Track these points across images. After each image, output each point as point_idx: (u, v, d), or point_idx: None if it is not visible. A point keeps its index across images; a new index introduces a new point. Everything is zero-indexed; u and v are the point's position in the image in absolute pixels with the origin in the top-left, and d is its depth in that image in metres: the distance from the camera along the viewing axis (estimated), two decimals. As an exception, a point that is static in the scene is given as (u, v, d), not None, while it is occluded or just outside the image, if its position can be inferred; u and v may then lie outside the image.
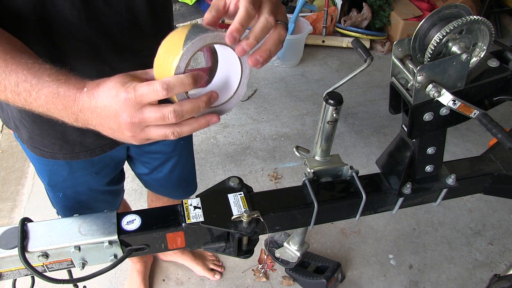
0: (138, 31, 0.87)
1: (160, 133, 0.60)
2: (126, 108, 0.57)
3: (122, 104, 0.56)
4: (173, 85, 0.56)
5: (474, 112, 0.73)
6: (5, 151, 2.44)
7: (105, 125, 0.60)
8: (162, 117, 0.57)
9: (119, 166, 1.20)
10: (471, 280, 1.95)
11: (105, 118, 0.59)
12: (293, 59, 3.21)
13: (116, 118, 0.58)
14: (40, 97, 0.60)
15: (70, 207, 1.16)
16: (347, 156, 2.51)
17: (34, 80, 0.60)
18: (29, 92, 0.60)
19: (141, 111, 0.57)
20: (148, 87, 0.55)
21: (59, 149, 0.98)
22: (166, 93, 0.56)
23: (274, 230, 0.91)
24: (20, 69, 0.61)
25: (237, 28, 0.58)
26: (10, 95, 0.62)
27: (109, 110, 0.58)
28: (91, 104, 0.59)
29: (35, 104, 0.61)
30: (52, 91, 0.60)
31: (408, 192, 0.92)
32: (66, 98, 0.60)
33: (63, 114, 0.61)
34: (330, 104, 0.87)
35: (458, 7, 0.72)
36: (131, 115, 0.57)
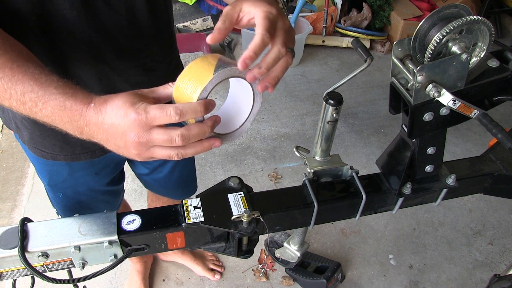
0: (137, 31, 0.87)
1: (165, 153, 0.61)
2: (134, 128, 0.58)
3: (131, 124, 0.58)
4: (186, 111, 0.58)
5: (474, 112, 0.73)
6: (5, 151, 2.44)
7: (111, 141, 0.61)
8: (169, 139, 0.59)
9: (119, 166, 1.20)
10: (471, 280, 1.95)
11: (111, 135, 0.60)
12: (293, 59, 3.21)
13: (123, 137, 0.59)
14: (46, 108, 0.61)
15: (70, 207, 1.16)
16: (347, 156, 2.51)
17: (40, 91, 0.60)
18: (35, 102, 0.61)
19: (149, 132, 0.58)
20: (161, 111, 0.57)
21: (59, 150, 0.98)
22: (179, 118, 0.57)
23: (274, 230, 0.91)
24: (27, 79, 0.61)
25: (250, 56, 0.60)
26: (15, 103, 0.62)
27: (117, 128, 0.59)
28: (98, 120, 0.60)
29: (40, 115, 0.62)
30: (58, 103, 0.60)
31: (408, 192, 0.92)
32: (73, 112, 0.60)
33: (68, 127, 0.62)
34: (330, 104, 0.87)
35: (458, 7, 0.72)
36: (139, 135, 0.58)
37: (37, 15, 0.73)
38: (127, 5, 0.82)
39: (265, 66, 0.62)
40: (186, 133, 0.59)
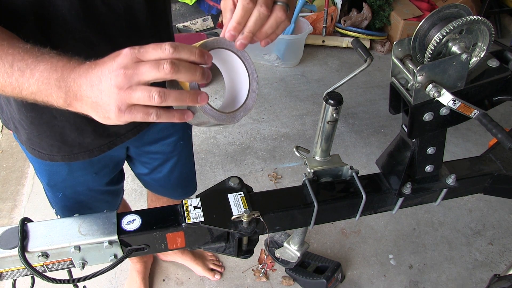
0: (136, 31, 0.87)
1: (145, 92, 0.56)
2: (123, 60, 0.55)
3: (121, 57, 0.56)
4: (182, 47, 0.55)
5: (474, 112, 0.73)
6: (5, 151, 2.44)
7: (94, 87, 0.57)
8: (156, 66, 0.55)
9: (119, 166, 1.20)
10: (471, 280, 1.95)
11: (98, 77, 0.57)
12: (293, 59, 3.21)
13: (110, 73, 0.56)
14: (34, 74, 0.59)
15: (69, 207, 1.16)
16: (347, 156, 2.51)
17: (30, 59, 0.60)
18: (23, 71, 0.60)
19: (137, 64, 0.55)
20: (156, 45, 0.55)
21: (57, 151, 0.98)
22: (173, 51, 0.55)
23: (274, 230, 0.91)
24: (17, 51, 0.60)
25: (234, 26, 0.60)
26: (1, 79, 0.61)
27: (106, 67, 0.56)
28: (89, 70, 0.58)
29: (26, 85, 0.60)
30: (49, 65, 0.59)
31: (408, 192, 0.92)
32: (64, 70, 0.59)
33: (53, 90, 0.59)
34: (330, 104, 0.87)
35: (458, 7, 0.72)
36: (126, 65, 0.55)
37: (36, 15, 0.73)
38: (126, 5, 0.82)
39: (247, 30, 0.61)
40: (176, 60, 0.56)
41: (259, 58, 3.20)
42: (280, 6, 0.63)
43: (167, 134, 1.18)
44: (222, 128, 2.64)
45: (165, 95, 0.56)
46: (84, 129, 0.95)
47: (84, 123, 0.94)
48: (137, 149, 1.18)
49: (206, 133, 2.59)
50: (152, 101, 0.56)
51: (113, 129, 1.00)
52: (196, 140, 2.52)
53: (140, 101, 0.56)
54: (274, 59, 3.17)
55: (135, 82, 0.56)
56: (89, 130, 0.96)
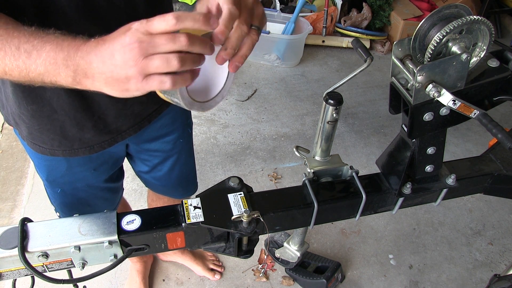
0: None
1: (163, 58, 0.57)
2: (134, 35, 0.56)
3: (132, 32, 0.56)
4: (185, 17, 0.56)
5: (474, 112, 0.73)
6: (5, 151, 2.44)
7: (107, 62, 0.58)
8: (172, 38, 0.56)
9: (118, 163, 1.20)
10: (471, 280, 1.95)
11: (110, 53, 0.58)
12: (293, 59, 3.21)
13: (122, 47, 0.57)
14: (41, 54, 0.60)
15: (68, 203, 1.16)
16: (347, 156, 2.51)
17: (36, 40, 0.60)
18: (30, 52, 0.60)
19: (150, 37, 0.57)
20: (159, 17, 0.56)
21: (58, 145, 0.98)
22: (176, 22, 0.56)
23: (274, 230, 0.92)
24: (23, 34, 0.61)
25: (222, 30, 0.61)
26: (8, 62, 0.62)
27: (117, 42, 0.57)
28: (97, 47, 0.59)
29: (33, 66, 0.61)
30: (55, 45, 0.60)
31: (408, 192, 0.92)
32: (69, 49, 0.60)
33: (61, 69, 0.60)
34: (330, 104, 0.87)
35: (458, 7, 0.72)
36: (139, 39, 0.56)
37: (36, 8, 0.73)
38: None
39: (230, 46, 0.63)
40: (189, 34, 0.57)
41: (259, 58, 3.20)
42: (255, 29, 0.67)
43: (167, 132, 1.18)
44: (222, 128, 2.64)
45: (183, 59, 0.58)
46: (84, 124, 0.95)
47: (84, 118, 0.94)
48: (137, 146, 1.19)
49: (206, 133, 2.59)
50: (172, 66, 0.57)
51: (114, 125, 1.00)
52: (196, 140, 2.52)
53: (159, 69, 0.58)
54: (274, 59, 3.17)
55: (150, 53, 0.57)
56: (89, 126, 0.96)
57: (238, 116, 2.73)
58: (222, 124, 2.66)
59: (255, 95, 2.92)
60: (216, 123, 2.67)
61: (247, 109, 2.80)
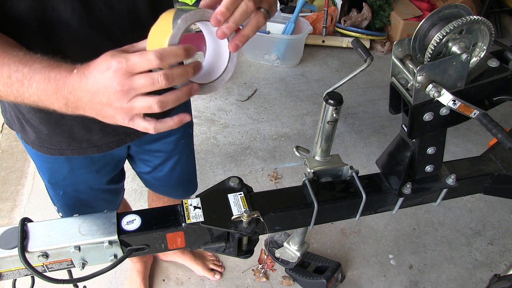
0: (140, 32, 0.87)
1: (145, 103, 0.59)
2: (116, 77, 0.57)
3: (113, 74, 0.57)
4: (167, 54, 0.57)
5: (474, 112, 0.73)
6: (5, 151, 2.44)
7: (94, 101, 0.60)
8: (151, 81, 0.57)
9: (120, 165, 1.20)
10: (471, 280, 1.95)
11: (95, 93, 0.59)
12: (293, 59, 3.21)
13: (106, 89, 0.58)
14: (32, 84, 0.61)
15: (70, 205, 1.16)
16: (347, 156, 2.51)
17: (25, 69, 0.61)
18: (21, 81, 0.61)
19: (131, 79, 0.57)
20: (141, 57, 0.56)
21: (66, 146, 0.99)
22: (159, 62, 0.56)
23: (274, 230, 0.92)
24: (12, 61, 0.62)
25: (222, 11, 0.60)
26: (2, 88, 0.63)
27: (100, 82, 0.58)
28: (82, 82, 0.60)
29: (27, 94, 0.62)
30: (43, 76, 0.61)
31: (408, 192, 0.92)
32: (57, 81, 0.61)
33: (53, 100, 0.62)
34: (330, 104, 0.87)
35: (458, 7, 0.72)
36: (121, 82, 0.57)
37: (39, 21, 0.73)
38: (129, 6, 0.82)
39: (232, 20, 0.61)
40: (169, 72, 0.58)
41: (259, 58, 3.20)
42: (263, 12, 0.65)
43: (168, 133, 1.18)
44: (222, 128, 2.64)
45: (163, 103, 0.60)
46: (92, 127, 0.96)
47: (92, 122, 0.94)
48: (138, 148, 1.19)
49: (206, 133, 2.59)
50: (153, 109, 0.60)
51: (122, 128, 1.00)
52: (196, 140, 2.52)
53: (142, 110, 0.60)
54: (274, 59, 3.17)
55: (133, 96, 0.59)
56: (97, 129, 0.97)
57: (238, 116, 2.73)
58: (222, 124, 2.66)
59: (255, 95, 2.92)
60: (216, 123, 2.67)
61: (247, 109, 2.80)
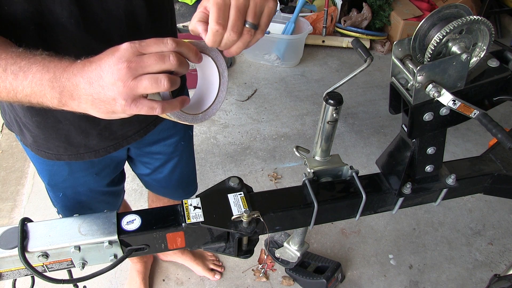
0: (138, 35, 0.87)
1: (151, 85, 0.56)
2: (125, 54, 0.56)
3: (123, 51, 0.56)
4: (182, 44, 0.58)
5: (474, 112, 0.73)
6: (5, 151, 2.44)
7: (94, 84, 0.57)
8: (163, 58, 0.56)
9: (119, 167, 1.20)
10: (471, 280, 1.95)
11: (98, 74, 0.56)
12: (293, 59, 3.21)
13: (111, 68, 0.56)
14: (27, 76, 0.60)
15: (70, 207, 1.16)
16: (347, 156, 2.51)
17: (23, 62, 0.60)
18: (16, 74, 0.60)
19: (141, 57, 0.56)
20: (156, 39, 0.56)
21: (64, 151, 0.99)
22: (175, 46, 0.57)
23: (274, 230, 0.91)
24: (10, 56, 0.61)
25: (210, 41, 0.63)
26: None
27: (106, 62, 0.56)
28: (84, 68, 0.58)
29: (20, 87, 0.61)
30: (41, 66, 0.60)
31: (408, 192, 0.92)
32: (56, 70, 0.59)
33: (47, 91, 0.60)
34: (330, 104, 0.87)
35: (458, 7, 0.72)
36: (129, 59, 0.56)
37: (36, 24, 0.72)
38: (127, 10, 0.81)
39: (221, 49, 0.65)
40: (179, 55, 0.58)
41: (259, 58, 3.20)
42: (248, 29, 0.65)
43: (168, 135, 1.18)
44: (222, 128, 2.64)
45: (173, 80, 0.58)
46: (89, 132, 0.95)
47: (89, 126, 0.94)
48: (138, 150, 1.18)
49: (206, 133, 2.59)
50: (161, 87, 0.57)
51: (119, 132, 1.00)
52: (196, 140, 2.52)
53: (148, 90, 0.57)
54: (274, 59, 3.17)
55: (139, 73, 0.56)
56: (94, 134, 0.96)
57: (238, 116, 2.73)
58: (222, 124, 2.66)
59: (255, 95, 2.92)
60: (216, 123, 2.67)
61: (247, 109, 2.80)
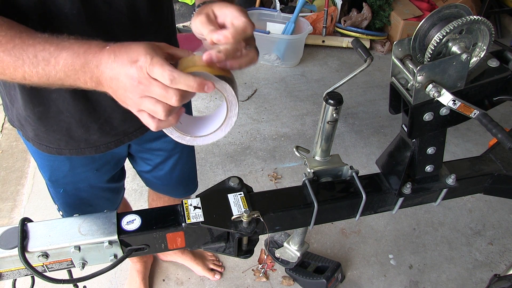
0: (139, 28, 0.88)
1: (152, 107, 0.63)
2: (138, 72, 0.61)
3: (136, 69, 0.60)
4: (178, 80, 0.60)
5: (474, 112, 0.73)
6: (5, 151, 2.44)
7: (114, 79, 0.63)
8: (165, 96, 0.61)
9: (120, 163, 1.20)
10: (471, 280, 1.95)
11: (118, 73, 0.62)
12: (293, 59, 3.21)
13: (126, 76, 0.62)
14: (59, 62, 0.63)
15: (70, 203, 1.16)
16: (347, 156, 2.51)
17: (52, 47, 0.63)
18: (47, 60, 0.63)
19: (150, 81, 0.61)
20: (161, 70, 0.59)
21: (64, 145, 0.99)
22: (169, 83, 0.60)
23: (274, 230, 0.92)
24: (37, 41, 0.64)
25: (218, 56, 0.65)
26: (27, 69, 0.64)
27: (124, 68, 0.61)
28: (110, 59, 0.62)
29: (53, 72, 0.64)
30: (72, 52, 0.63)
31: (408, 192, 0.92)
32: (86, 56, 0.63)
33: (80, 75, 0.64)
34: (330, 104, 0.87)
35: (458, 7, 0.72)
36: (141, 80, 0.61)
37: (39, 14, 0.73)
38: (128, 3, 0.82)
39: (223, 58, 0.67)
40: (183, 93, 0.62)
41: (259, 58, 3.20)
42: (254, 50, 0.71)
43: None
44: (222, 128, 2.63)
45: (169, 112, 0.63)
46: (90, 126, 0.96)
47: (89, 121, 0.94)
48: (139, 146, 1.19)
49: (206, 133, 2.59)
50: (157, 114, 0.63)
51: (120, 128, 1.00)
52: (196, 140, 2.51)
53: (148, 110, 0.64)
54: (274, 59, 3.17)
55: (144, 95, 0.62)
56: (95, 128, 0.97)
57: (238, 116, 2.72)
58: (222, 124, 2.66)
59: (255, 95, 2.92)
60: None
61: (247, 109, 2.80)
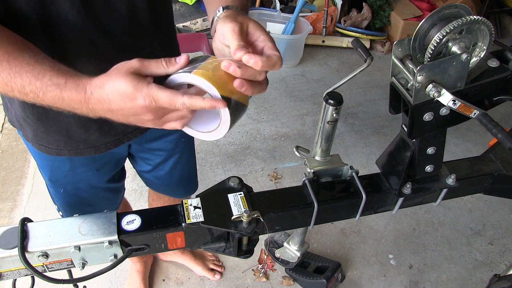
0: (138, 29, 0.88)
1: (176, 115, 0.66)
2: (147, 111, 0.63)
3: (143, 108, 0.62)
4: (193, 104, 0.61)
5: (474, 112, 0.73)
6: (5, 151, 2.44)
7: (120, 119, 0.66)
8: (181, 124, 0.67)
9: (120, 163, 1.20)
10: (471, 280, 1.95)
11: (123, 115, 0.64)
12: (293, 59, 3.21)
13: (136, 116, 0.64)
14: (47, 98, 0.64)
15: (70, 203, 1.16)
16: (347, 156, 2.51)
17: (37, 83, 0.64)
18: (36, 93, 0.64)
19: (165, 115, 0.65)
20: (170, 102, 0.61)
21: (64, 146, 0.99)
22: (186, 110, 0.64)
23: (274, 230, 0.92)
24: (24, 71, 0.63)
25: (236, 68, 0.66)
26: (18, 95, 0.66)
27: (128, 110, 0.63)
28: (103, 106, 0.64)
29: (45, 102, 0.66)
30: (56, 95, 0.64)
31: (408, 192, 0.92)
32: (71, 103, 0.64)
33: (76, 109, 0.66)
34: (330, 104, 0.87)
35: (458, 7, 0.72)
36: (151, 109, 0.62)
37: (38, 14, 0.73)
38: (128, 3, 0.82)
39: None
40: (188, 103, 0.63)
41: (259, 58, 3.20)
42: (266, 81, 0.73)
43: (169, 131, 1.18)
44: (222, 128, 2.63)
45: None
46: (89, 126, 0.96)
47: (89, 121, 0.94)
48: (139, 146, 1.19)
49: (206, 133, 2.59)
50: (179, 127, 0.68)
51: (120, 128, 1.01)
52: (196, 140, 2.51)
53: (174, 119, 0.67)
54: (274, 59, 3.16)
55: (164, 120, 0.66)
56: (95, 128, 0.97)
57: (238, 116, 2.73)
58: (222, 124, 2.66)
59: (255, 95, 2.92)
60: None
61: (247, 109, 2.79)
